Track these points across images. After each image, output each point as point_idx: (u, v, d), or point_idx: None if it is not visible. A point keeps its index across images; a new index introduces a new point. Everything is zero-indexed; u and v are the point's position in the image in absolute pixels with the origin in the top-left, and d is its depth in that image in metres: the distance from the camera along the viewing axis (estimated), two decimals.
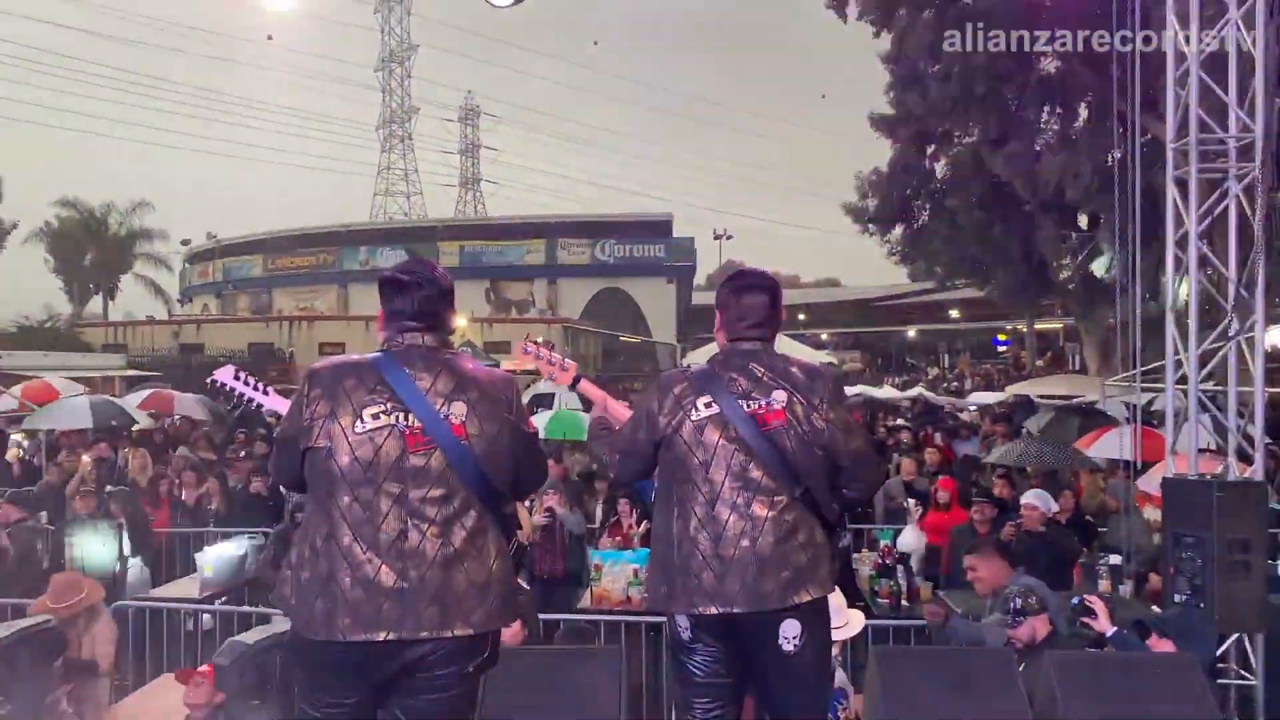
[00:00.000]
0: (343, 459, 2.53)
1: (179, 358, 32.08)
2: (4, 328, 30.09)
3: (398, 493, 2.52)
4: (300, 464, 2.63)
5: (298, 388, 2.72)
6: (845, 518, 3.14)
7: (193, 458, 10.77)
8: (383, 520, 2.50)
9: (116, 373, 24.89)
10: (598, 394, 3.46)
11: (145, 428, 13.90)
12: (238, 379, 3.18)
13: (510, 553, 2.75)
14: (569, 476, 9.63)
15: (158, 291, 44.43)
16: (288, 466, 2.70)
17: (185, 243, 50.16)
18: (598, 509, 8.64)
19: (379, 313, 2.80)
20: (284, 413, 2.84)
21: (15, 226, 39.02)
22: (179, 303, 49.80)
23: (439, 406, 2.59)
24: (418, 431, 2.56)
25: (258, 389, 3.16)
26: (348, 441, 2.54)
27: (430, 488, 2.54)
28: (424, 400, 2.58)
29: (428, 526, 2.52)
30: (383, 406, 2.57)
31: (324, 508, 2.55)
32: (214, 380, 3.22)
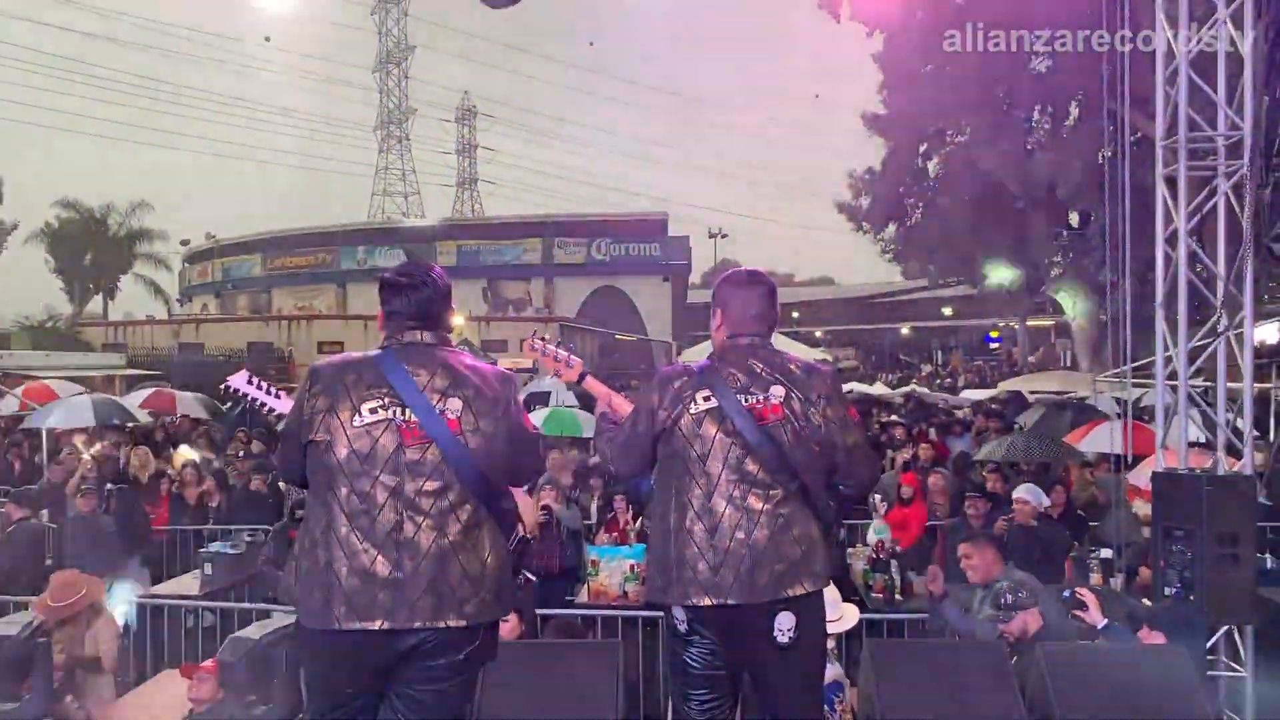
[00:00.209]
0: (341, 452, 2.60)
1: (179, 357, 32.06)
2: (5, 328, 30.08)
3: (394, 485, 2.58)
4: (302, 458, 2.70)
5: (300, 385, 2.79)
6: (841, 513, 3.19)
7: (194, 455, 10.80)
8: (379, 512, 2.56)
9: (117, 372, 24.90)
10: (602, 390, 3.50)
11: (146, 425, 13.96)
12: (251, 384, 3.22)
13: (512, 546, 2.80)
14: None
15: (157, 291, 44.45)
16: (291, 460, 2.78)
17: (184, 243, 50.05)
18: (593, 506, 8.68)
19: (379, 313, 2.87)
20: None
21: (16, 227, 39.06)
22: (178, 302, 49.72)
23: (435, 402, 2.65)
24: (414, 426, 2.62)
25: (270, 393, 3.20)
26: (346, 435, 2.60)
27: (426, 481, 2.60)
28: (421, 396, 2.64)
29: (423, 519, 2.58)
30: (380, 402, 2.63)
31: (323, 500, 2.62)
32: (228, 386, 3.26)
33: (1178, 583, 4.83)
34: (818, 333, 49.65)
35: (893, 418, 14.76)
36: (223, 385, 3.36)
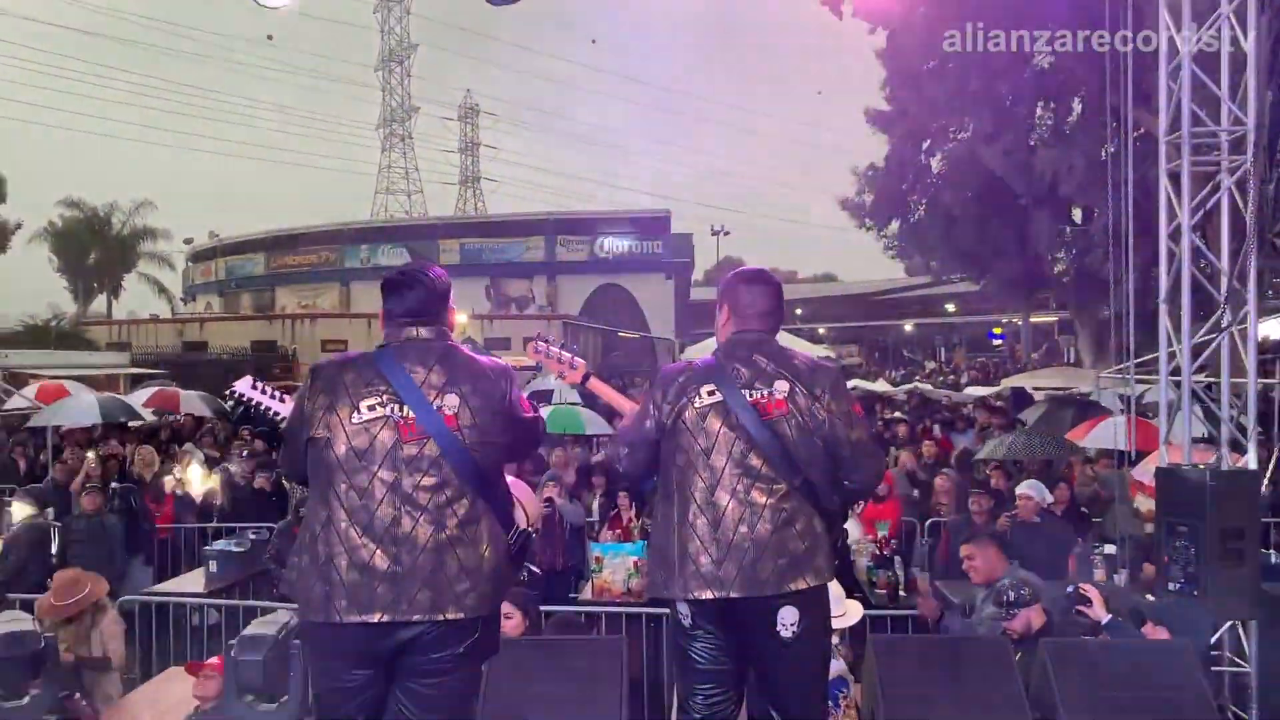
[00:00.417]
0: (340, 448, 2.65)
1: (183, 356, 32.11)
2: (10, 327, 30.12)
3: (391, 480, 2.63)
4: (304, 455, 2.75)
5: (302, 383, 2.85)
6: (846, 509, 3.19)
7: (197, 453, 10.82)
8: (377, 506, 2.61)
9: (121, 371, 24.92)
10: (607, 391, 3.51)
11: (151, 424, 13.99)
12: (255, 388, 3.25)
13: (512, 539, 2.82)
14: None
15: (161, 290, 44.40)
16: (292, 458, 2.84)
17: (188, 242, 50.08)
18: (595, 503, 8.70)
19: (380, 312, 2.92)
20: None
21: (20, 226, 39.00)
22: (182, 301, 49.70)
23: (432, 398, 2.69)
24: (411, 422, 2.66)
25: (273, 396, 3.22)
26: (344, 431, 2.66)
27: (423, 476, 2.64)
28: (418, 392, 2.69)
29: (420, 513, 2.62)
30: (379, 399, 2.68)
31: (323, 495, 2.67)
32: (233, 391, 3.28)
33: (1182, 578, 4.82)
34: (821, 330, 49.62)
35: (896, 414, 14.77)
36: (227, 391, 3.38)
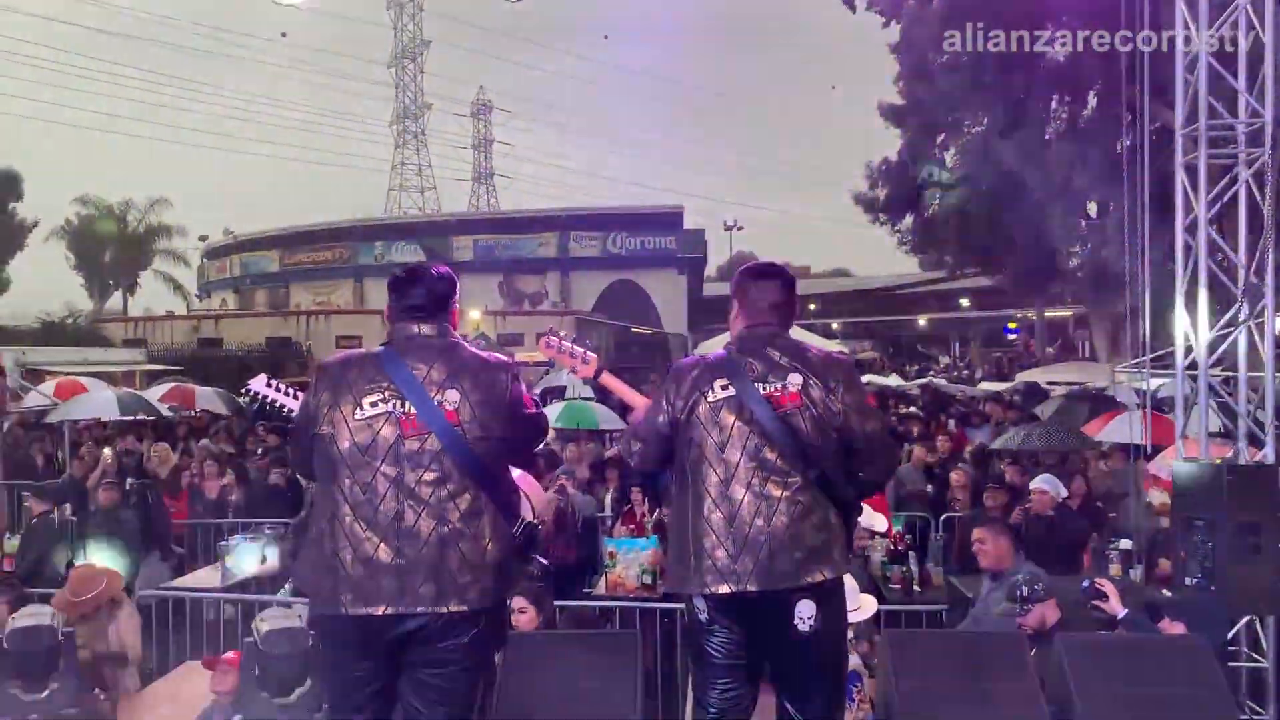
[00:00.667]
0: (343, 444, 2.71)
1: (198, 352, 32.28)
2: (27, 324, 30.36)
3: (394, 475, 2.68)
4: (311, 451, 2.81)
5: (309, 381, 2.91)
6: (860, 501, 3.17)
7: (214, 449, 10.87)
8: (381, 501, 2.67)
9: (137, 367, 25.08)
10: (619, 386, 3.51)
11: (169, 420, 14.08)
12: (269, 386, 3.29)
13: (517, 533, 2.86)
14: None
15: (176, 287, 44.63)
16: (300, 454, 2.92)
17: (203, 239, 50.26)
18: (609, 498, 8.70)
19: (386, 309, 2.98)
20: None
21: (36, 224, 39.35)
22: (197, 298, 49.99)
23: (433, 394, 2.74)
24: (413, 418, 2.72)
25: (287, 394, 3.26)
26: (348, 427, 2.72)
27: (425, 471, 2.70)
28: (419, 388, 2.74)
29: (423, 507, 2.68)
30: (381, 395, 2.74)
31: (329, 490, 2.74)
32: (248, 389, 3.33)
33: (1199, 573, 4.80)
34: (834, 325, 49.45)
35: (910, 409, 14.72)
36: (243, 389, 3.42)
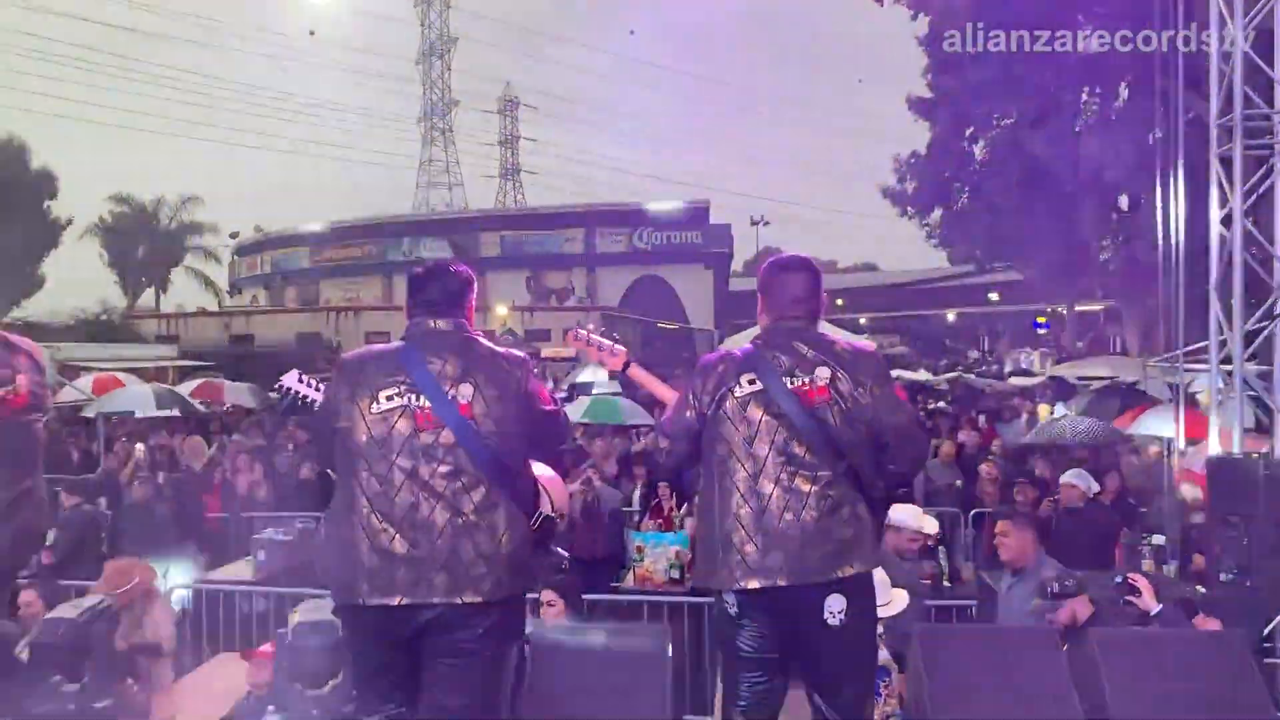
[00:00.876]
0: (360, 437, 2.78)
1: (230, 348, 32.63)
2: (62, 320, 30.82)
3: (410, 468, 2.73)
4: (333, 445, 2.87)
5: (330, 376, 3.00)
6: (890, 495, 3.16)
7: (246, 444, 10.98)
8: (396, 493, 2.72)
9: (170, 363, 25.37)
10: (647, 379, 3.51)
11: (204, 414, 14.28)
12: (301, 381, 3.34)
13: (534, 525, 2.90)
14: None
15: (208, 284, 45.19)
16: (322, 447, 3.01)
17: (234, 236, 50.72)
18: (636, 493, 8.71)
19: (405, 305, 3.04)
20: None
21: (71, 222, 39.85)
22: (228, 294, 50.50)
23: (447, 388, 2.79)
24: (428, 411, 2.77)
25: (318, 389, 3.30)
26: (365, 421, 2.78)
27: (439, 464, 2.74)
28: (433, 382, 2.79)
29: (437, 500, 2.72)
30: (396, 389, 2.80)
31: (347, 483, 2.80)
32: (280, 385, 3.37)
33: (1234, 568, 4.75)
34: (861, 320, 49.19)
35: (940, 404, 14.64)
36: (275, 385, 3.48)
